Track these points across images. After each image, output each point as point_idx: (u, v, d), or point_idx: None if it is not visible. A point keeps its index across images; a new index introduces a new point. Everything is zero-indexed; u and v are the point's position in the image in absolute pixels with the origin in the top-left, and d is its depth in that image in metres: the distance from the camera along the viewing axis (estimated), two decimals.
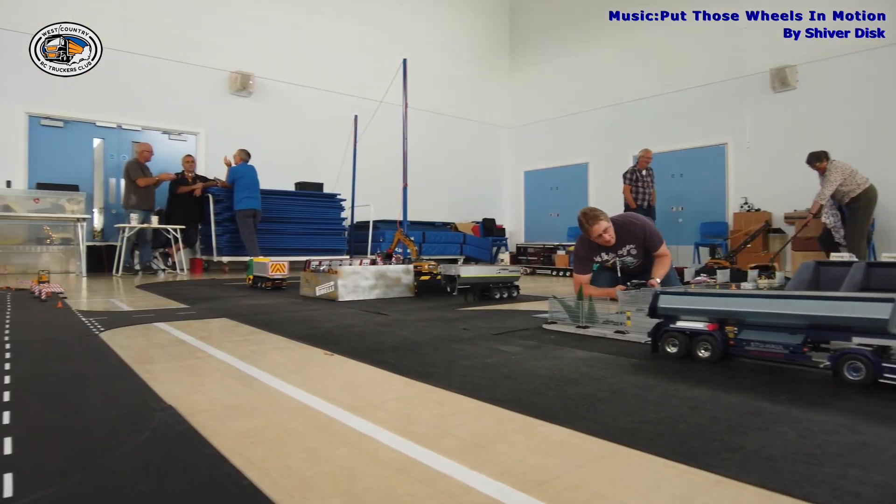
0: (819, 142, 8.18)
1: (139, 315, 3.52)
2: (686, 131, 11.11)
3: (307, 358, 2.25)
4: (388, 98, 9.82)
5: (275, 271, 5.46)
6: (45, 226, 8.58)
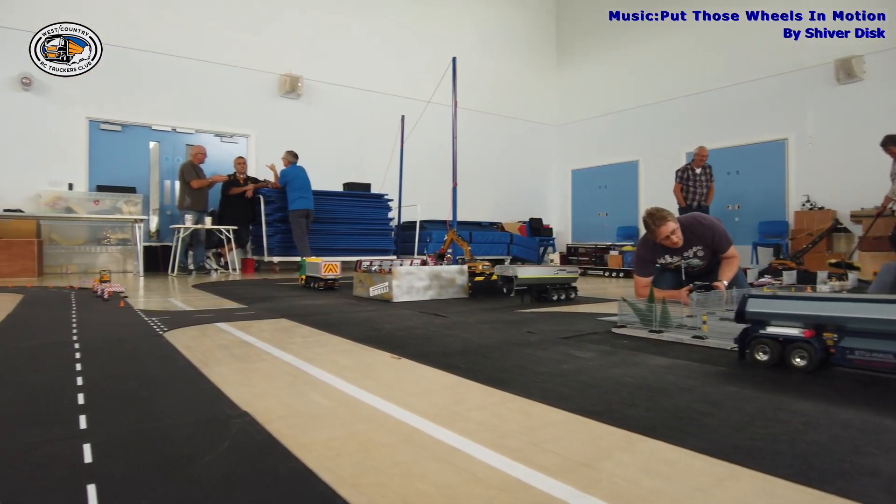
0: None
1: (199, 315, 3.53)
2: (743, 127, 10.69)
3: (375, 361, 2.18)
4: (435, 97, 9.76)
5: (327, 271, 5.45)
6: (104, 227, 8.84)
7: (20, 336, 2.72)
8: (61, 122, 8.83)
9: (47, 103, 8.75)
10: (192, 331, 2.89)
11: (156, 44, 9.49)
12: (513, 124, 13.80)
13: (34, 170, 8.59)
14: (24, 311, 3.70)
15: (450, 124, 11.78)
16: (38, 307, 3.96)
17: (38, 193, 8.50)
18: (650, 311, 2.84)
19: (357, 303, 4.36)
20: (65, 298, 4.58)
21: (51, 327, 2.99)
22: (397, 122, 10.51)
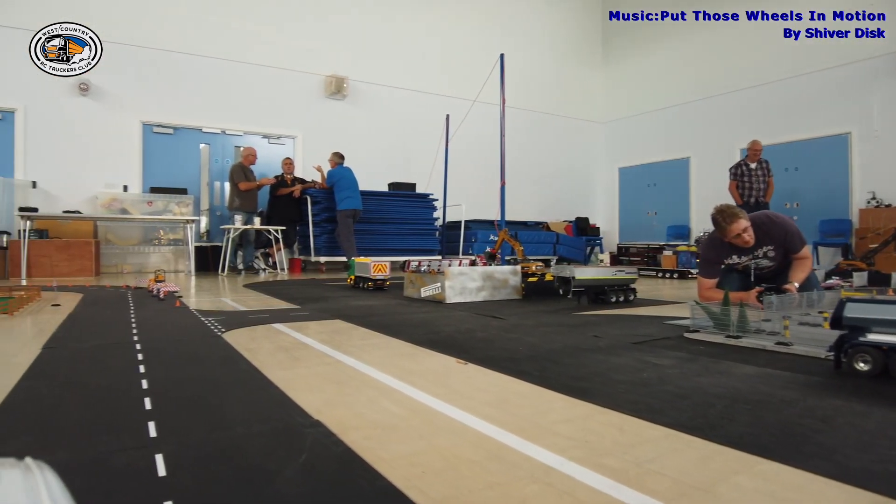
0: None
1: (255, 315, 3.51)
2: (802, 121, 10.24)
3: (441, 366, 2.08)
4: (480, 95, 9.65)
5: (377, 272, 5.40)
6: (157, 227, 9.04)
7: (83, 336, 2.74)
8: (116, 126, 9.07)
9: (103, 108, 9.00)
10: (250, 332, 2.85)
11: (205, 48, 9.66)
12: (558, 122, 13.58)
13: (91, 172, 8.84)
14: (85, 310, 3.75)
15: (495, 122, 11.64)
16: (98, 306, 4.02)
17: (95, 195, 8.75)
18: (726, 315, 2.66)
19: (409, 304, 4.29)
20: (122, 298, 4.65)
21: (111, 327, 3.00)
22: (442, 121, 10.44)
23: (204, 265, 9.03)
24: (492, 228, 10.85)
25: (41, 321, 3.23)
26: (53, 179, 8.64)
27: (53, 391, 1.70)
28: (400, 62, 11.41)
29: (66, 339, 2.61)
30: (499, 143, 7.64)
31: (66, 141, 8.74)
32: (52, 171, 8.65)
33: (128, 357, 2.20)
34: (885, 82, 9.13)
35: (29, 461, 0.46)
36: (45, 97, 8.64)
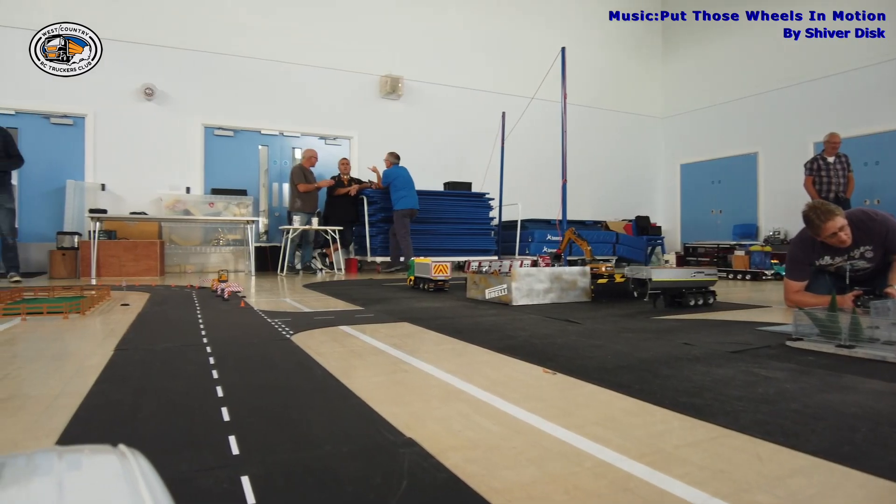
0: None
1: (320, 317, 3.43)
2: (883, 112, 9.58)
3: (528, 376, 1.93)
4: (534, 92, 9.43)
5: (437, 272, 5.28)
6: (218, 228, 9.20)
7: (153, 337, 2.71)
8: (180, 129, 9.29)
9: (167, 112, 9.23)
10: (318, 334, 2.77)
11: (264, 51, 9.79)
12: (616, 118, 13.20)
13: (156, 175, 9.08)
14: (153, 310, 3.76)
15: (551, 119, 11.37)
16: (165, 306, 4.04)
17: (160, 197, 8.98)
18: (834, 322, 2.41)
19: (474, 306, 4.14)
20: (187, 297, 4.68)
21: (180, 328, 2.97)
22: (497, 118, 10.28)
23: (263, 265, 9.14)
24: (549, 228, 10.61)
25: (112, 321, 3.25)
26: (121, 182, 8.91)
27: (127, 397, 1.63)
28: (454, 60, 11.30)
29: (137, 341, 2.58)
30: (555, 141, 7.43)
31: (132, 144, 9.00)
32: (120, 173, 8.92)
33: (199, 360, 2.14)
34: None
35: (123, 447, 0.46)
36: (113, 102, 8.92)
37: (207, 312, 3.63)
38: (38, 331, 2.89)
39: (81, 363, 2.08)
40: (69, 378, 1.87)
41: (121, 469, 0.42)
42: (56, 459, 0.42)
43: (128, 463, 0.43)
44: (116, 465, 0.42)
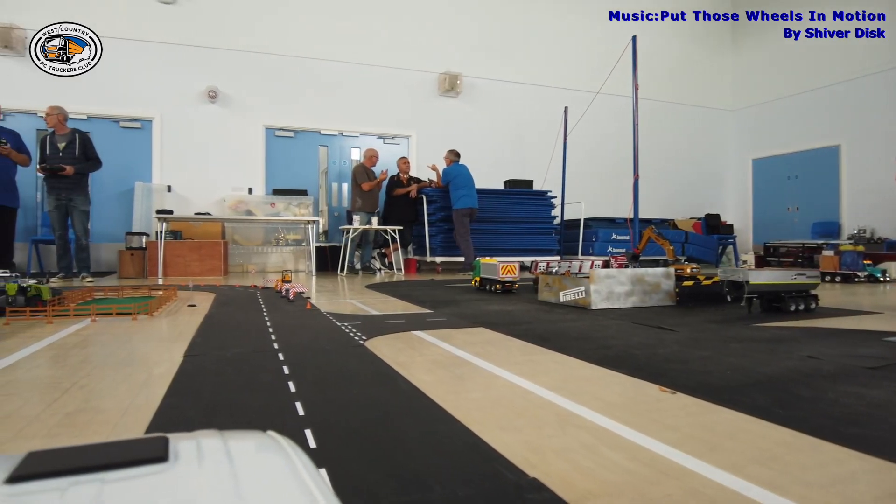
0: None
1: (391, 321, 3.25)
2: None
3: (643, 395, 1.67)
4: (596, 86, 9.08)
5: (505, 273, 5.04)
6: (279, 228, 9.23)
7: (223, 341, 2.58)
8: (242, 131, 9.37)
9: (230, 114, 9.33)
10: (393, 340, 2.58)
11: (323, 51, 9.78)
12: (683, 111, 12.61)
13: (219, 176, 9.19)
14: (220, 312, 3.67)
15: (616, 114, 11.01)
16: (231, 307, 3.96)
17: (223, 198, 9.07)
18: None
19: (549, 309, 3.89)
20: (252, 298, 4.60)
21: (248, 331, 2.85)
22: (558, 114, 9.95)
23: (322, 265, 9.11)
24: (613, 227, 10.20)
25: (179, 323, 3.16)
26: (186, 183, 9.06)
27: (199, 415, 1.46)
28: (514, 55, 11.02)
29: (206, 346, 2.45)
30: (621, 136, 7.13)
31: (196, 146, 9.14)
32: (185, 175, 9.07)
33: (273, 369, 1.97)
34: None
35: (272, 433, 0.47)
36: (178, 105, 9.07)
37: (274, 314, 3.51)
38: (107, 333, 2.81)
39: (150, 371, 1.95)
40: (138, 388, 1.73)
41: (280, 452, 0.43)
42: (220, 440, 0.43)
43: (283, 447, 0.44)
44: (275, 447, 0.44)
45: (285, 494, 0.36)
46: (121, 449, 0.40)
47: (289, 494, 0.36)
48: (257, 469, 0.39)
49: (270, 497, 0.35)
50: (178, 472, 0.37)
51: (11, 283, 3.33)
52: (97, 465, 0.37)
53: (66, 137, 6.64)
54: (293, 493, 0.36)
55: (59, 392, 1.68)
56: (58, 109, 6.64)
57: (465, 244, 8.17)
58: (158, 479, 0.36)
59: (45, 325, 3.09)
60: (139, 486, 0.35)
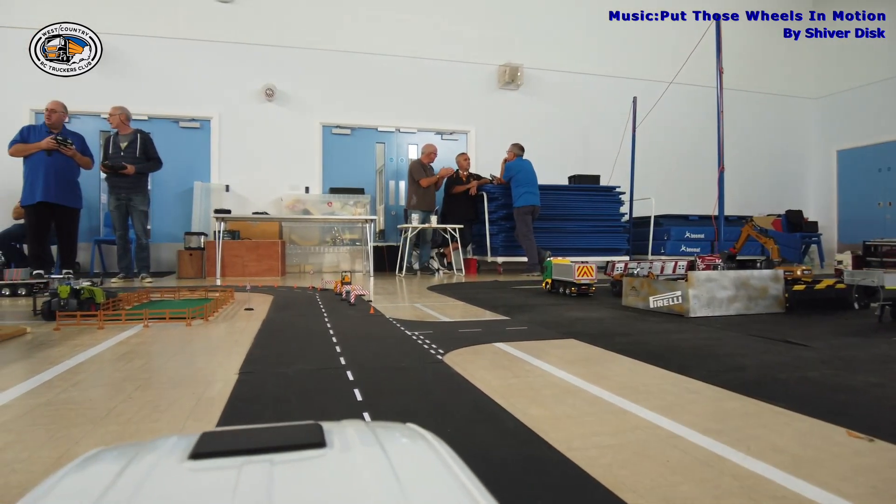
0: None
1: (465, 330, 2.89)
2: None
3: (831, 443, 1.24)
4: (668, 75, 8.49)
5: (581, 275, 4.61)
6: (335, 227, 9.04)
7: (282, 353, 2.28)
8: (299, 129, 9.24)
9: (287, 112, 9.20)
10: (476, 356, 2.22)
11: (379, 46, 9.54)
12: (760, 100, 11.78)
13: (276, 175, 9.07)
14: (278, 317, 3.40)
15: (689, 104, 10.37)
16: (290, 311, 3.69)
17: (280, 197, 8.95)
18: None
19: (640, 316, 3.44)
20: (311, 301, 4.34)
21: (311, 341, 2.54)
22: (625, 106, 9.42)
23: (380, 265, 8.86)
24: (686, 224, 9.57)
25: (236, 330, 2.89)
26: (243, 183, 8.98)
27: None
28: (578, 44, 10.50)
29: (265, 360, 2.15)
30: (695, 127, 6.55)
31: (253, 145, 9.06)
32: (242, 174, 8.99)
33: (342, 391, 1.64)
34: None
35: (413, 425, 0.48)
36: (236, 105, 9.01)
37: (336, 320, 3.20)
38: (157, 341, 2.56)
39: (200, 394, 1.65)
40: (185, 417, 1.43)
41: (425, 441, 0.44)
42: (368, 429, 0.45)
43: (426, 437, 0.44)
44: (420, 437, 0.44)
45: (438, 480, 0.36)
46: (283, 433, 0.43)
47: (441, 480, 0.36)
48: (409, 455, 0.40)
49: (426, 482, 0.36)
50: (337, 457, 0.39)
51: (64, 286, 3.15)
52: (265, 447, 0.40)
53: (128, 137, 6.59)
54: (445, 478, 0.37)
55: (89, 424, 1.38)
56: (120, 109, 6.60)
57: (527, 243, 7.75)
58: (321, 462, 0.39)
59: (97, 330, 2.88)
60: (305, 468, 0.38)
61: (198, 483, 0.36)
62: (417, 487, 0.35)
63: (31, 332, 2.81)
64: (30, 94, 8.01)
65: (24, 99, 7.91)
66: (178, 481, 0.36)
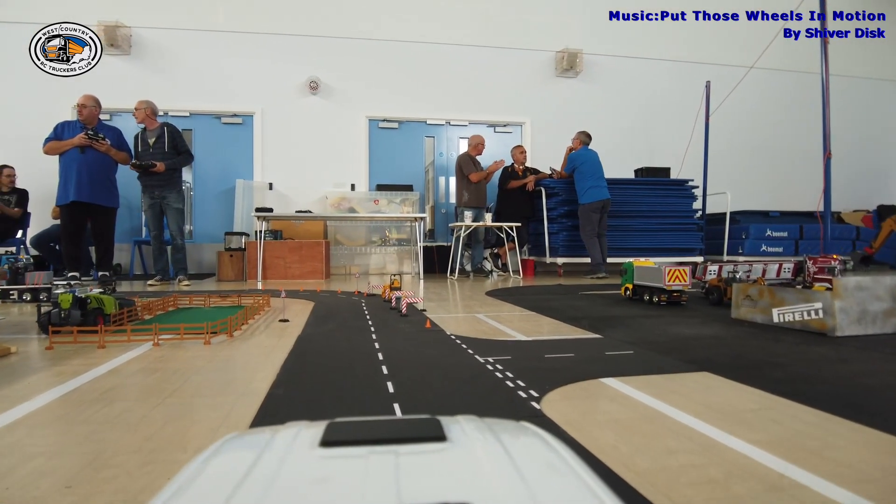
0: None
1: (552, 353, 2.23)
2: None
3: None
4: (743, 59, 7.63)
5: (673, 280, 3.88)
6: (382, 227, 8.49)
7: (316, 389, 1.68)
8: (344, 123, 8.74)
9: (332, 105, 8.72)
10: (585, 402, 1.56)
11: (428, 34, 8.95)
12: (842, 84, 10.63)
13: (321, 172, 8.61)
14: (318, 333, 2.83)
15: (769, 91, 9.43)
16: (331, 323, 3.11)
17: (325, 195, 8.47)
18: None
19: (765, 334, 2.72)
20: (356, 310, 3.76)
21: (354, 372, 1.94)
22: (696, 93, 8.58)
23: (429, 266, 8.27)
24: (766, 221, 8.64)
25: (261, 351, 2.32)
26: (287, 180, 8.55)
27: None
28: (642, 27, 9.63)
29: (290, 405, 1.56)
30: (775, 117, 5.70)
31: (297, 141, 8.61)
32: (286, 171, 8.56)
33: None
34: None
35: (527, 423, 0.47)
36: (279, 99, 8.58)
37: (386, 338, 2.60)
38: (159, 369, 2.00)
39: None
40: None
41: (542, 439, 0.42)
42: (484, 425, 0.44)
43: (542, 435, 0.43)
44: (535, 435, 0.43)
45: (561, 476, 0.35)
46: (404, 426, 0.43)
47: (564, 477, 0.35)
48: (528, 451, 0.39)
49: (549, 478, 0.35)
50: (459, 450, 0.39)
51: (65, 294, 2.65)
52: (389, 438, 0.40)
53: (155, 132, 6.19)
54: (567, 475, 0.35)
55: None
56: (146, 104, 6.18)
57: (591, 243, 7.02)
58: (444, 455, 0.38)
59: (97, 349, 2.35)
60: (428, 460, 0.37)
61: (332, 469, 0.36)
62: (541, 484, 0.33)
63: (15, 351, 2.30)
64: (70, 91, 7.73)
65: (62, 96, 7.63)
66: (314, 467, 0.36)
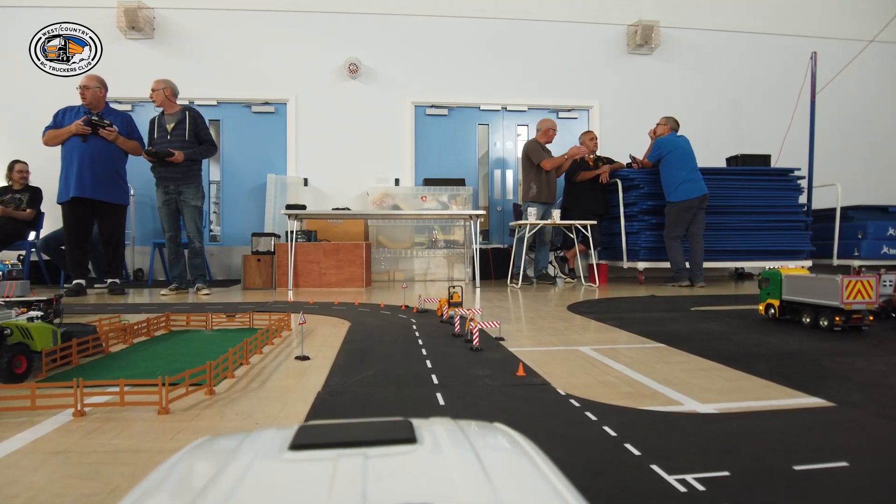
0: None
1: (801, 466, 1.14)
2: None
3: None
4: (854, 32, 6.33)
5: (853, 296, 2.72)
6: (431, 227, 7.47)
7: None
8: (387, 110, 7.80)
9: (373, 90, 7.79)
10: None
11: (480, 7, 7.91)
12: None
13: (361, 165, 7.68)
14: (348, 383, 1.80)
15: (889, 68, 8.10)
16: (369, 364, 2.08)
17: (366, 191, 7.54)
18: None
19: None
20: (407, 337, 2.73)
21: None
22: (796, 71, 7.30)
23: (484, 271, 7.21)
24: (887, 218, 7.26)
25: (250, 426, 1.29)
26: (324, 175, 7.65)
27: None
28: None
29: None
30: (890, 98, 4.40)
31: (335, 131, 7.70)
32: (323, 166, 7.66)
33: None
34: None
35: (499, 424, 0.49)
36: (315, 84, 7.71)
37: (463, 406, 1.55)
38: (60, 481, 1.00)
39: None
40: None
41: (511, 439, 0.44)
42: (455, 426, 0.46)
43: (512, 435, 0.45)
44: (506, 435, 0.45)
45: (527, 478, 0.36)
46: (374, 428, 0.44)
47: (530, 478, 0.36)
48: (498, 454, 0.40)
49: (515, 480, 0.36)
50: (428, 453, 0.40)
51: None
52: (359, 440, 0.41)
53: (175, 117, 5.28)
54: (533, 476, 0.37)
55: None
56: (164, 83, 5.28)
57: (673, 247, 5.85)
58: (413, 457, 0.39)
59: (18, 414, 1.38)
60: (397, 462, 0.38)
61: (298, 472, 0.37)
62: (507, 485, 0.34)
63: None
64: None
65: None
66: (281, 470, 0.37)
